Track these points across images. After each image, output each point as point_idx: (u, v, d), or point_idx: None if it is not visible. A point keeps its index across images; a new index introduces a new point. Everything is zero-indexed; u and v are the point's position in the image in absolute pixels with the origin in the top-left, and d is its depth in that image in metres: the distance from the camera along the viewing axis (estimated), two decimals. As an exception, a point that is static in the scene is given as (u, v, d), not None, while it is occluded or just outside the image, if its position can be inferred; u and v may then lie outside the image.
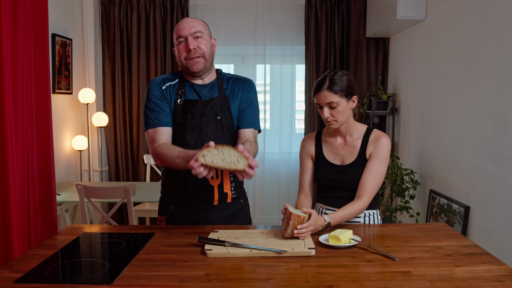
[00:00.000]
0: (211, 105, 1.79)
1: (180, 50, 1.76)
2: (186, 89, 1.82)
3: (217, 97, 1.81)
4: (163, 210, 1.92)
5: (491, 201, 2.45)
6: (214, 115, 1.78)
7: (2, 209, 1.72)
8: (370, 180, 1.76)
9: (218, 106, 1.80)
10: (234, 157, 1.49)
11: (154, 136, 1.76)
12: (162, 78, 1.84)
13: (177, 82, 1.83)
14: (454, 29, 2.88)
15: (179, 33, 1.75)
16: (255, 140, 1.84)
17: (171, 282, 1.24)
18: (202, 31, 1.76)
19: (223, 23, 4.42)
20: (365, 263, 1.39)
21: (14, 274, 1.31)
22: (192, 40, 1.73)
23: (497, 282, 1.23)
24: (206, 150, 1.47)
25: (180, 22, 1.77)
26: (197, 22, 1.76)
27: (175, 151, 1.65)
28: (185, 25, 1.74)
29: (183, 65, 1.78)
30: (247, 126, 1.83)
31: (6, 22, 1.70)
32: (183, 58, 1.75)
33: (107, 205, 4.32)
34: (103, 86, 4.40)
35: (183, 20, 1.78)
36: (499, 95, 2.36)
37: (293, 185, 4.54)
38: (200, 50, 1.74)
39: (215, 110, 1.79)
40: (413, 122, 3.64)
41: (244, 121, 1.84)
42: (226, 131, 1.81)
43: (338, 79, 1.74)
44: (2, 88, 1.68)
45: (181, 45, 1.76)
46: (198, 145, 1.76)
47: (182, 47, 1.75)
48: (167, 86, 1.81)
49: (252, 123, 1.84)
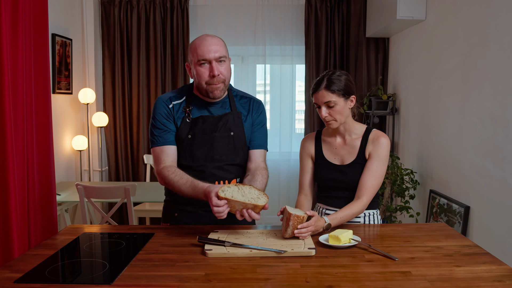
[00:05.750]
0: (224, 120, 1.77)
1: (201, 73, 1.70)
2: (195, 106, 1.79)
3: (230, 113, 1.80)
4: (167, 217, 1.90)
5: (491, 201, 2.45)
6: (228, 131, 1.77)
7: (2, 209, 1.72)
8: (370, 180, 1.76)
9: (232, 122, 1.78)
10: (254, 194, 1.52)
11: (159, 155, 1.75)
12: (169, 96, 1.81)
13: (184, 99, 1.81)
14: (454, 29, 2.88)
15: (203, 56, 1.67)
16: (264, 160, 1.88)
17: (171, 282, 1.24)
18: (226, 55, 1.72)
19: (223, 23, 4.42)
20: (365, 263, 1.39)
21: (14, 274, 1.31)
22: (217, 65, 1.69)
23: (497, 282, 1.23)
24: (226, 186, 1.51)
25: (202, 42, 1.69)
26: (221, 45, 1.71)
27: (182, 178, 1.66)
28: (210, 48, 1.67)
29: (202, 88, 1.73)
30: (258, 147, 1.86)
31: (6, 22, 1.70)
32: (204, 81, 1.71)
33: (107, 205, 4.32)
34: (103, 86, 4.40)
35: (205, 40, 1.70)
36: (499, 95, 2.36)
37: (293, 185, 4.54)
38: (222, 77, 1.71)
39: (228, 126, 1.77)
40: (413, 122, 3.64)
41: (255, 142, 1.86)
42: (239, 148, 1.80)
43: (336, 78, 1.74)
44: (2, 88, 1.68)
45: (203, 68, 1.69)
46: (207, 160, 1.76)
47: (204, 70, 1.69)
48: (174, 105, 1.79)
49: (262, 145, 1.87)
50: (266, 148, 1.89)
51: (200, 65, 1.69)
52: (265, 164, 1.87)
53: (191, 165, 1.77)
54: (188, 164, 1.77)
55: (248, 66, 4.64)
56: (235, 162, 1.80)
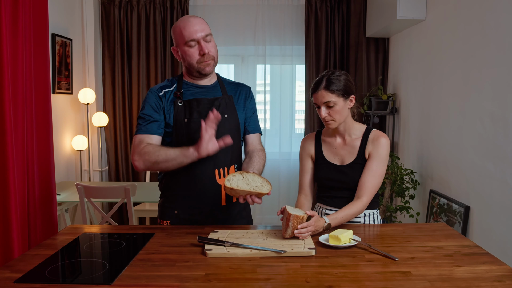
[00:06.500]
0: (217, 104, 1.81)
1: (191, 53, 1.74)
2: (187, 90, 1.82)
3: (222, 97, 1.84)
4: (165, 215, 1.88)
5: (491, 201, 2.45)
6: (221, 114, 1.78)
7: (2, 209, 1.72)
8: (370, 180, 1.76)
9: (224, 105, 1.82)
10: (258, 182, 1.59)
11: (142, 139, 1.74)
12: (160, 86, 1.84)
13: (175, 86, 1.84)
14: (454, 29, 2.88)
15: (190, 36, 1.72)
16: (260, 143, 1.96)
17: (171, 282, 1.24)
18: (210, 33, 1.77)
19: (223, 23, 4.42)
20: (365, 263, 1.39)
21: (14, 274, 1.31)
22: (205, 44, 1.73)
23: (497, 282, 1.23)
24: (231, 175, 1.57)
25: (186, 23, 1.73)
26: (205, 24, 1.76)
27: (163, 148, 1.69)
28: (196, 28, 1.72)
29: (193, 68, 1.77)
30: (253, 132, 1.94)
31: (6, 22, 1.70)
32: (196, 61, 1.75)
33: (107, 205, 4.32)
34: (103, 86, 4.40)
35: (188, 21, 1.74)
36: (499, 95, 2.36)
37: (293, 185, 4.54)
38: (212, 54, 1.76)
39: (221, 109, 1.80)
40: (413, 122, 3.64)
41: (250, 127, 1.93)
42: (233, 130, 1.83)
43: (335, 78, 1.74)
44: (2, 88, 1.69)
45: (193, 48, 1.74)
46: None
47: (194, 50, 1.74)
48: (164, 92, 1.81)
49: (257, 129, 1.95)
50: (260, 131, 1.97)
51: (189, 46, 1.73)
52: (262, 146, 1.96)
53: None
54: None
55: (248, 66, 4.64)
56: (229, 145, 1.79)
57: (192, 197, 1.81)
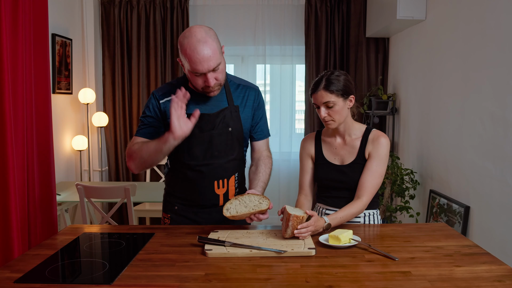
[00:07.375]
0: (222, 116, 1.75)
1: (196, 80, 1.64)
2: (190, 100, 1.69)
3: (227, 108, 1.76)
4: (168, 208, 1.90)
5: (491, 201, 2.45)
6: (226, 127, 1.75)
7: (2, 209, 1.72)
8: (370, 180, 1.76)
9: (229, 117, 1.76)
10: (255, 200, 1.61)
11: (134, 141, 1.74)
12: (163, 91, 1.77)
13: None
14: (454, 29, 2.88)
15: (196, 70, 1.58)
16: (267, 148, 1.92)
17: (171, 282, 1.24)
18: (220, 60, 1.61)
19: (223, 23, 4.42)
20: (365, 263, 1.39)
21: (14, 274, 1.31)
22: (212, 75, 1.61)
23: (497, 282, 1.23)
24: (227, 203, 1.59)
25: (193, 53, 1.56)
26: (214, 52, 1.58)
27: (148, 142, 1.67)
28: (203, 62, 1.56)
29: (198, 89, 1.69)
30: (262, 138, 1.90)
31: (6, 22, 1.70)
32: (201, 87, 1.66)
33: (107, 205, 4.32)
34: (103, 86, 4.40)
35: (196, 52, 1.56)
36: (499, 95, 2.36)
37: (293, 185, 4.54)
38: (218, 82, 1.65)
39: (226, 122, 1.75)
40: (413, 122, 3.64)
41: (258, 134, 1.89)
42: (236, 142, 1.80)
43: (334, 78, 1.74)
44: (2, 88, 1.69)
45: (198, 78, 1.63)
46: (207, 157, 1.76)
47: (199, 78, 1.63)
48: (166, 101, 1.74)
49: (265, 134, 1.91)
50: (268, 134, 1.93)
51: (195, 76, 1.63)
52: (269, 152, 1.93)
53: (190, 163, 1.76)
54: (187, 163, 1.77)
55: (248, 66, 4.64)
56: (232, 157, 1.80)
57: (189, 199, 1.84)
